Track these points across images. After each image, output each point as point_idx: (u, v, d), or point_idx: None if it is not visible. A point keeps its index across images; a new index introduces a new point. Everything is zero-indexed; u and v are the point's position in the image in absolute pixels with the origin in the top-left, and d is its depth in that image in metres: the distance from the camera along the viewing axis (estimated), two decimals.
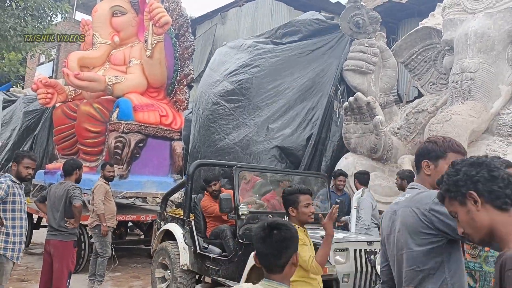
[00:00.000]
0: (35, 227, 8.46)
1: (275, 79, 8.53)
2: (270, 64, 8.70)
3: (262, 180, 5.66)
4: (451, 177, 1.42)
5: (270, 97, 8.56)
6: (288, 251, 1.65)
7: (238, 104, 8.88)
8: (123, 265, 7.25)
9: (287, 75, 8.48)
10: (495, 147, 5.36)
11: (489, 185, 1.34)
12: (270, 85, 8.56)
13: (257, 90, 8.67)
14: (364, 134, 6.48)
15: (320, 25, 8.63)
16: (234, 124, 8.88)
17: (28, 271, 6.69)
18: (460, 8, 5.87)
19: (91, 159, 7.77)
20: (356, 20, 7.34)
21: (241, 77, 8.98)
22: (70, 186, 4.41)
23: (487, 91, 5.40)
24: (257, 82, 8.73)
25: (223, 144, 8.81)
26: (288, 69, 8.57)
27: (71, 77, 7.13)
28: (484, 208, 1.34)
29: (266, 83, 8.71)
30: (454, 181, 1.40)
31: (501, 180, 1.33)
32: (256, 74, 8.96)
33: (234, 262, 4.44)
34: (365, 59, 7.33)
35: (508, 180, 1.33)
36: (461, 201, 1.39)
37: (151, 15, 7.17)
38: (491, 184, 1.34)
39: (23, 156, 3.85)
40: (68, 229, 4.39)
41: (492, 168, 1.35)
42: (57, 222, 4.37)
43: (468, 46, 5.53)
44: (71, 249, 4.45)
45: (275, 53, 8.84)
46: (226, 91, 9.16)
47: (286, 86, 8.51)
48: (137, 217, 7.43)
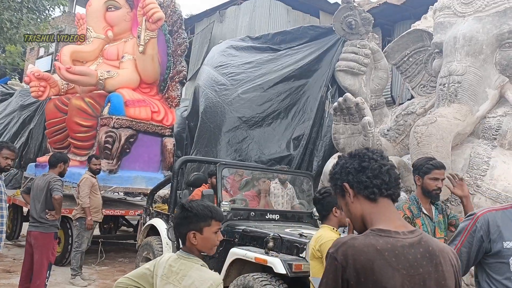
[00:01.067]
0: (25, 219, 8.49)
1: (267, 77, 8.54)
2: (263, 61, 8.72)
3: (247, 178, 5.69)
4: (331, 171, 1.41)
5: (262, 97, 8.57)
6: (181, 228, 1.89)
7: (229, 100, 8.89)
8: (111, 259, 7.28)
9: (280, 76, 8.50)
10: (479, 150, 5.36)
11: (358, 176, 1.31)
12: (262, 83, 8.57)
13: (249, 88, 8.67)
14: (353, 135, 6.48)
15: (315, 31, 8.62)
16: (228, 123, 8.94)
17: (15, 262, 6.70)
18: (451, 11, 5.86)
19: (82, 153, 7.79)
20: (348, 21, 7.34)
21: (232, 70, 8.99)
22: (52, 178, 4.44)
23: (474, 95, 5.40)
24: (250, 80, 8.73)
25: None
26: (282, 70, 8.59)
27: (63, 71, 7.15)
28: (357, 198, 1.33)
29: (259, 82, 8.71)
30: (333, 174, 1.39)
31: (370, 170, 1.30)
32: (250, 72, 8.98)
33: (214, 258, 4.46)
34: (357, 60, 7.31)
35: (379, 170, 1.30)
36: (340, 193, 1.38)
37: (145, 10, 7.19)
38: (361, 174, 1.31)
39: (2, 147, 3.85)
40: (48, 221, 4.41)
41: (363, 159, 1.33)
42: (38, 213, 4.40)
43: (457, 49, 5.52)
44: (52, 240, 4.47)
45: (269, 52, 8.86)
46: (219, 85, 9.16)
47: (278, 89, 8.55)
48: (126, 212, 7.46)
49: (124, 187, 7.70)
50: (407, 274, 1.17)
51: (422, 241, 1.24)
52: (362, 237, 1.21)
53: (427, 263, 1.21)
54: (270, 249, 3.59)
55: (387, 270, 1.15)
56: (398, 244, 1.20)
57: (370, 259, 1.15)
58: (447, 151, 5.04)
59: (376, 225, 1.26)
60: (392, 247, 1.18)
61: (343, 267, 1.17)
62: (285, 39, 8.95)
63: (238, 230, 4.25)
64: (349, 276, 1.15)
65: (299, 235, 3.81)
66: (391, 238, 1.20)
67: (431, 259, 1.22)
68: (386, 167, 1.31)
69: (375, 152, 1.36)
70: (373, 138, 6.30)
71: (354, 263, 1.15)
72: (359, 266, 1.15)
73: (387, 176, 1.29)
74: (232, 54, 9.48)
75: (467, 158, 5.34)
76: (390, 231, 1.22)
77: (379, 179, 1.29)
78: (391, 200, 1.32)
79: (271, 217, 4.70)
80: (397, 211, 1.34)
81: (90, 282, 5.92)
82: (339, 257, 1.17)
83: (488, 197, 5.05)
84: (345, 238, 1.23)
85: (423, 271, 1.19)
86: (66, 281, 5.80)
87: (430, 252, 1.22)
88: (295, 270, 3.28)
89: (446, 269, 1.23)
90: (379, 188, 1.29)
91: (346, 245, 1.19)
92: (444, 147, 4.99)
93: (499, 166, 5.20)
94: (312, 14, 15.04)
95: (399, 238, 1.21)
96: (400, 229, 1.24)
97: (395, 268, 1.16)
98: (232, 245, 4.12)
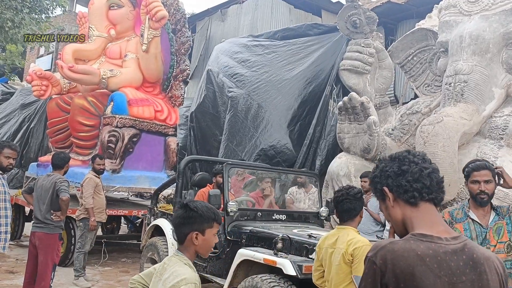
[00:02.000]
0: (27, 220, 8.45)
1: (271, 74, 8.50)
2: (267, 59, 8.67)
3: (253, 178, 5.65)
4: (372, 175, 1.38)
5: (268, 94, 8.53)
6: (183, 227, 1.90)
7: (234, 99, 8.85)
8: (113, 260, 7.25)
9: (285, 72, 8.46)
10: (486, 150, 5.33)
11: (398, 180, 1.29)
12: (266, 80, 8.53)
13: (252, 86, 8.63)
14: (357, 134, 6.46)
15: (318, 29, 8.59)
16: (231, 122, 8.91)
17: (17, 263, 6.67)
18: (456, 10, 5.82)
19: (84, 152, 7.76)
20: (353, 19, 7.30)
21: (237, 71, 8.95)
22: (58, 178, 4.39)
23: (480, 94, 5.37)
24: (254, 78, 8.70)
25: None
26: (287, 66, 8.55)
27: (65, 70, 7.11)
28: (397, 202, 1.30)
29: (263, 79, 8.68)
30: (373, 178, 1.37)
31: (410, 174, 1.27)
32: (253, 69, 8.94)
33: (221, 259, 4.43)
34: (361, 59, 7.29)
35: (420, 174, 1.27)
36: (380, 197, 1.35)
37: (148, 9, 7.15)
38: (400, 178, 1.28)
39: (4, 146, 3.81)
40: (53, 222, 4.38)
41: (403, 162, 1.30)
42: (43, 214, 4.36)
43: (463, 48, 5.49)
44: (56, 241, 4.43)
45: (272, 48, 8.81)
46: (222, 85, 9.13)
47: (284, 85, 8.50)
48: (129, 212, 7.42)
49: (128, 187, 7.67)
50: (449, 282, 1.13)
51: (466, 248, 1.20)
52: (402, 242, 1.18)
53: (471, 271, 1.17)
54: (279, 250, 3.55)
55: (429, 277, 1.11)
56: (440, 250, 1.16)
57: (411, 265, 1.12)
58: (453, 151, 5.01)
59: (417, 229, 1.22)
60: (434, 253, 1.15)
61: (382, 271, 1.14)
62: (287, 35, 8.92)
63: (246, 230, 4.21)
64: (388, 281, 1.13)
65: (308, 236, 3.78)
66: (433, 244, 1.17)
67: (475, 267, 1.18)
68: (428, 170, 1.27)
69: (416, 155, 1.32)
70: (378, 137, 6.27)
71: (393, 268, 1.12)
72: (398, 271, 1.12)
73: (428, 180, 1.26)
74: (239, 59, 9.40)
75: (473, 157, 5.31)
76: (432, 236, 1.19)
77: (420, 183, 1.26)
78: (433, 204, 1.28)
79: (278, 217, 4.67)
80: (440, 216, 1.31)
81: (94, 283, 5.89)
82: (378, 261, 1.15)
83: (495, 197, 5.03)
84: (384, 242, 1.20)
85: (466, 279, 1.15)
86: (70, 282, 5.77)
87: (474, 260, 1.18)
88: (305, 272, 3.24)
89: (491, 278, 1.19)
90: (420, 192, 1.25)
91: (385, 249, 1.16)
92: (451, 147, 4.97)
93: (506, 166, 5.17)
94: (314, 13, 15.00)
95: (441, 244, 1.17)
96: (442, 234, 1.20)
97: (437, 275, 1.12)
98: (240, 246, 4.09)
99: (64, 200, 4.35)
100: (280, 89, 8.35)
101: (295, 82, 8.27)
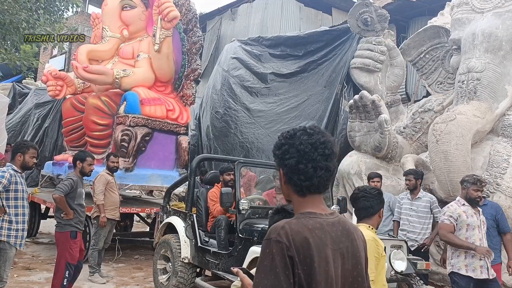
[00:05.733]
0: (43, 217, 8.61)
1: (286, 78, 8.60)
2: (280, 66, 8.76)
3: (266, 176, 5.68)
4: (275, 146, 1.50)
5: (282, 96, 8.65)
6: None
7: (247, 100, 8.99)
8: (127, 257, 7.35)
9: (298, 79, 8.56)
10: (499, 148, 5.30)
11: (292, 174, 1.43)
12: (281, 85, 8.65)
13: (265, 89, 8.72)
14: (368, 133, 6.46)
15: (330, 34, 8.53)
16: (243, 121, 9.03)
17: (33, 259, 6.81)
18: (469, 7, 5.80)
19: (98, 151, 7.85)
20: (364, 17, 7.31)
21: (248, 74, 9.03)
22: (65, 177, 4.50)
23: (493, 92, 5.34)
24: (269, 81, 8.81)
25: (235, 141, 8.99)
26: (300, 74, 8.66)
27: (80, 70, 7.22)
28: (287, 185, 1.46)
29: (277, 83, 8.80)
30: (275, 150, 1.50)
31: (304, 174, 1.40)
32: (266, 72, 9.05)
33: (233, 256, 4.48)
34: (373, 57, 7.29)
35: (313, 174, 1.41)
36: (277, 167, 1.52)
37: (160, 9, 7.22)
38: (294, 175, 1.43)
39: (29, 147, 3.94)
40: (62, 220, 4.46)
41: (302, 159, 1.41)
42: (55, 213, 4.47)
43: (475, 46, 5.47)
44: (68, 240, 4.47)
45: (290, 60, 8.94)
46: (234, 87, 9.24)
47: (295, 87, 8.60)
48: (142, 210, 7.51)
49: (140, 185, 7.75)
50: (332, 249, 1.36)
51: (340, 221, 1.44)
52: (295, 220, 1.37)
53: (345, 239, 1.42)
54: None
55: (319, 245, 1.33)
56: (324, 223, 1.39)
57: (306, 237, 1.32)
58: (466, 149, 4.99)
59: (304, 210, 1.42)
60: (320, 226, 1.37)
61: (287, 246, 1.30)
62: (300, 42, 8.89)
63: (257, 228, 4.25)
64: (292, 254, 1.30)
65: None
66: (318, 219, 1.38)
67: (348, 236, 1.43)
68: (321, 171, 1.41)
69: (318, 148, 1.41)
70: (390, 135, 6.27)
71: (294, 242, 1.31)
72: (298, 244, 1.31)
73: (317, 180, 1.41)
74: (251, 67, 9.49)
75: (486, 156, 5.29)
76: (316, 213, 1.40)
77: (309, 182, 1.41)
78: (319, 194, 1.45)
79: None
80: (321, 199, 1.47)
81: (108, 279, 5.98)
82: (282, 238, 1.31)
83: (508, 195, 5.00)
84: (281, 223, 1.37)
85: (343, 246, 1.40)
86: (85, 278, 5.87)
87: (347, 230, 1.44)
88: None
89: (359, 244, 1.46)
90: (308, 189, 1.42)
91: (284, 228, 1.33)
92: (464, 145, 4.95)
93: None
94: (325, 11, 14.96)
95: (324, 219, 1.40)
96: (323, 211, 1.42)
97: (325, 243, 1.35)
98: (252, 244, 4.14)
99: (54, 198, 4.44)
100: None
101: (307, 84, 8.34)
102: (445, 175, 4.98)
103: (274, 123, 8.59)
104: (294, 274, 1.30)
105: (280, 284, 1.28)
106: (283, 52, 9.15)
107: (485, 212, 4.08)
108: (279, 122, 8.45)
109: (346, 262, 1.40)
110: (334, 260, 1.36)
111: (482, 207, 4.09)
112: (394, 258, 3.84)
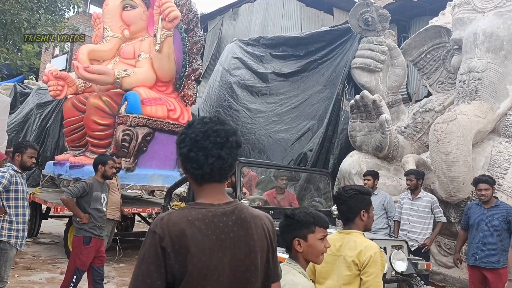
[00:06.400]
0: (44, 217, 8.61)
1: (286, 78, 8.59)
2: (281, 65, 8.76)
3: (266, 176, 5.68)
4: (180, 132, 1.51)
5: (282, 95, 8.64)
6: (286, 235, 1.99)
7: (248, 100, 8.97)
8: (128, 257, 7.35)
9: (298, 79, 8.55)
10: (501, 148, 5.29)
11: (185, 162, 1.44)
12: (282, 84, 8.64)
13: (265, 88, 8.70)
14: (369, 133, 6.45)
15: (331, 34, 8.55)
16: (244, 121, 9.01)
17: (34, 259, 6.81)
18: (470, 7, 5.79)
19: (99, 151, 7.84)
20: (365, 17, 7.30)
21: (249, 74, 9.02)
22: (79, 181, 4.49)
23: (494, 91, 5.33)
24: (270, 81, 8.81)
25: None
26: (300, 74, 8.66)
27: (81, 70, 7.22)
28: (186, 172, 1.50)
29: (277, 83, 8.79)
30: (177, 140, 1.49)
31: (195, 162, 1.39)
32: (267, 72, 9.04)
33: None
34: (374, 57, 7.28)
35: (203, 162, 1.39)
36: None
37: (161, 9, 7.21)
38: (186, 163, 1.43)
39: (27, 146, 3.93)
40: (78, 224, 4.43)
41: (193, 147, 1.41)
42: (73, 217, 4.44)
43: (477, 45, 5.46)
44: (80, 244, 4.41)
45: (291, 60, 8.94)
46: (235, 87, 9.23)
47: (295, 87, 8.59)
48: (143, 210, 7.52)
49: (141, 185, 7.75)
50: (217, 239, 1.36)
51: (236, 210, 1.43)
52: (177, 211, 1.39)
53: (238, 229, 1.41)
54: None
55: (197, 236, 1.33)
56: (209, 214, 1.38)
57: (183, 228, 1.33)
58: (468, 149, 4.98)
59: (197, 200, 1.43)
60: (203, 216, 1.37)
61: (160, 238, 1.32)
62: (300, 42, 8.90)
63: None
64: (166, 245, 1.31)
65: None
66: (203, 210, 1.38)
67: (242, 225, 1.42)
68: (212, 159, 1.39)
69: (210, 136, 1.40)
70: (391, 135, 6.27)
71: (169, 233, 1.32)
72: (173, 235, 1.32)
73: (209, 168, 1.39)
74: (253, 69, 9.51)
75: (488, 156, 5.28)
76: (204, 204, 1.40)
77: (201, 171, 1.39)
78: (218, 182, 1.44)
79: None
80: (220, 188, 1.45)
81: (109, 279, 5.98)
82: (158, 230, 1.33)
83: (509, 195, 4.99)
84: (163, 214, 1.38)
85: (234, 235, 1.39)
86: (85, 278, 5.86)
87: (242, 219, 1.42)
88: None
89: (256, 231, 1.44)
90: (202, 177, 1.41)
91: (163, 219, 1.35)
92: (465, 145, 4.94)
93: None
94: (326, 11, 14.95)
95: (211, 209, 1.39)
96: (216, 201, 1.41)
97: (204, 234, 1.34)
98: None
99: (61, 200, 4.41)
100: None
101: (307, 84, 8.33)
102: (446, 175, 4.97)
103: (274, 123, 8.60)
104: (166, 265, 1.31)
105: (149, 274, 1.30)
106: (284, 52, 9.15)
107: (496, 213, 4.02)
108: (280, 123, 8.46)
109: (237, 251, 1.39)
110: (220, 250, 1.35)
111: (493, 208, 4.05)
112: (395, 259, 3.83)
